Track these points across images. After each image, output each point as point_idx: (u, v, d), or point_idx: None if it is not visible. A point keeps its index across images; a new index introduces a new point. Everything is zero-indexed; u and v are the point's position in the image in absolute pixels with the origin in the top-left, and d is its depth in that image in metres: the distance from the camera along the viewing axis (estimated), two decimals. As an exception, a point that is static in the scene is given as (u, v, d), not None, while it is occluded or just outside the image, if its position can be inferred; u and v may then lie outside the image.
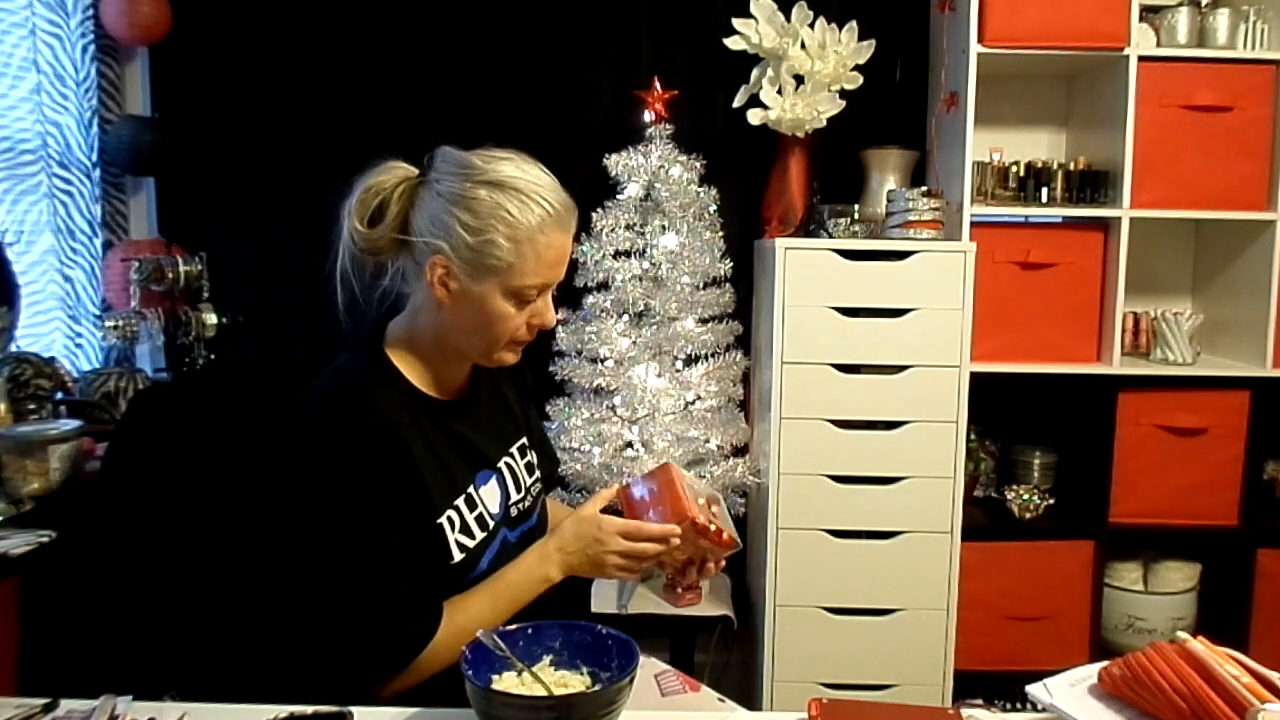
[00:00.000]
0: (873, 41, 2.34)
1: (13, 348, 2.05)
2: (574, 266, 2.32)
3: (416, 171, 1.26)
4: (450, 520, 1.23)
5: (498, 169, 1.21)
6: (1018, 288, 2.31)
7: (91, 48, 2.44)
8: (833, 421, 2.23)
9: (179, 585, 1.70)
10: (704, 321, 2.37)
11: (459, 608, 1.21)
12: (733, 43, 2.37)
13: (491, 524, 1.29)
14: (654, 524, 1.27)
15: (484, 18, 2.58)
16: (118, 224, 2.57)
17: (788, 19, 2.32)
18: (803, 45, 2.31)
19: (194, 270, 2.32)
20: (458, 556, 1.23)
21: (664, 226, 2.33)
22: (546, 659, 1.08)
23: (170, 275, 2.28)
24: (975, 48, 2.21)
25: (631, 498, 1.34)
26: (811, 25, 2.32)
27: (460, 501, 1.25)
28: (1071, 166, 2.33)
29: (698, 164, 2.35)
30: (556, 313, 1.31)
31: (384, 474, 1.17)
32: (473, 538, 1.26)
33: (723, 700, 1.40)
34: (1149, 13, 2.29)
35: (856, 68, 2.35)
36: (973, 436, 2.44)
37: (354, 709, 1.06)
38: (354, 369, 1.25)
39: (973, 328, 2.20)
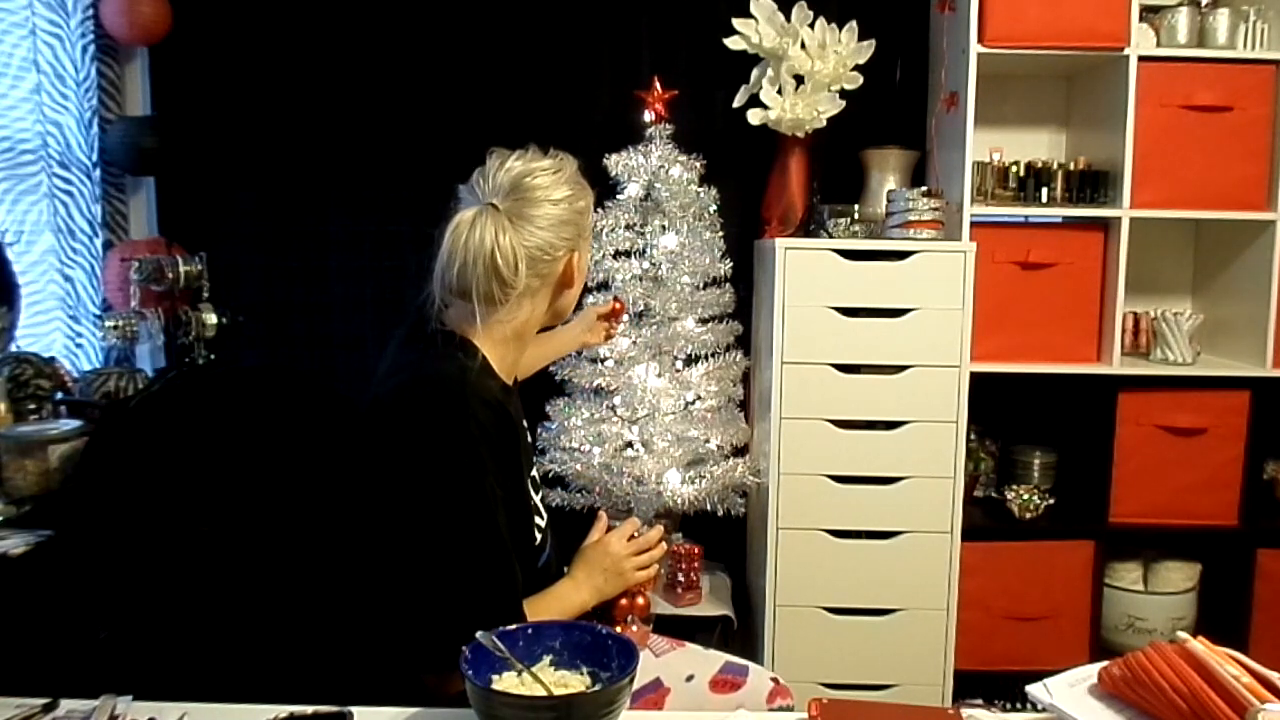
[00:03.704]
0: (873, 41, 2.34)
1: (13, 348, 2.05)
2: (574, 266, 2.32)
3: (473, 212, 1.28)
4: (531, 498, 1.35)
5: (549, 160, 1.33)
6: (1018, 288, 2.31)
7: (91, 48, 2.44)
8: (833, 421, 2.23)
9: (178, 585, 1.70)
10: (704, 321, 2.37)
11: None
12: (733, 43, 2.37)
13: (544, 510, 1.43)
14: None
15: (484, 18, 2.58)
16: (118, 224, 2.57)
17: (788, 19, 2.32)
18: (803, 45, 2.31)
19: (194, 270, 2.32)
20: (537, 538, 1.35)
21: (664, 226, 2.33)
22: (546, 659, 1.08)
23: (170, 275, 2.27)
24: (975, 48, 2.21)
25: None
26: (811, 25, 2.32)
27: (529, 482, 1.36)
28: (1071, 166, 2.33)
29: (698, 164, 2.34)
30: None
31: (502, 452, 1.25)
32: (543, 518, 1.39)
33: (706, 649, 1.60)
34: (1149, 13, 2.29)
35: (856, 68, 2.35)
36: (973, 436, 2.44)
37: (354, 709, 1.06)
38: (453, 359, 1.28)
39: (973, 328, 2.20)
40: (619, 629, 1.37)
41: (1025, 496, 2.38)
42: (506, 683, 1.02)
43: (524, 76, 2.59)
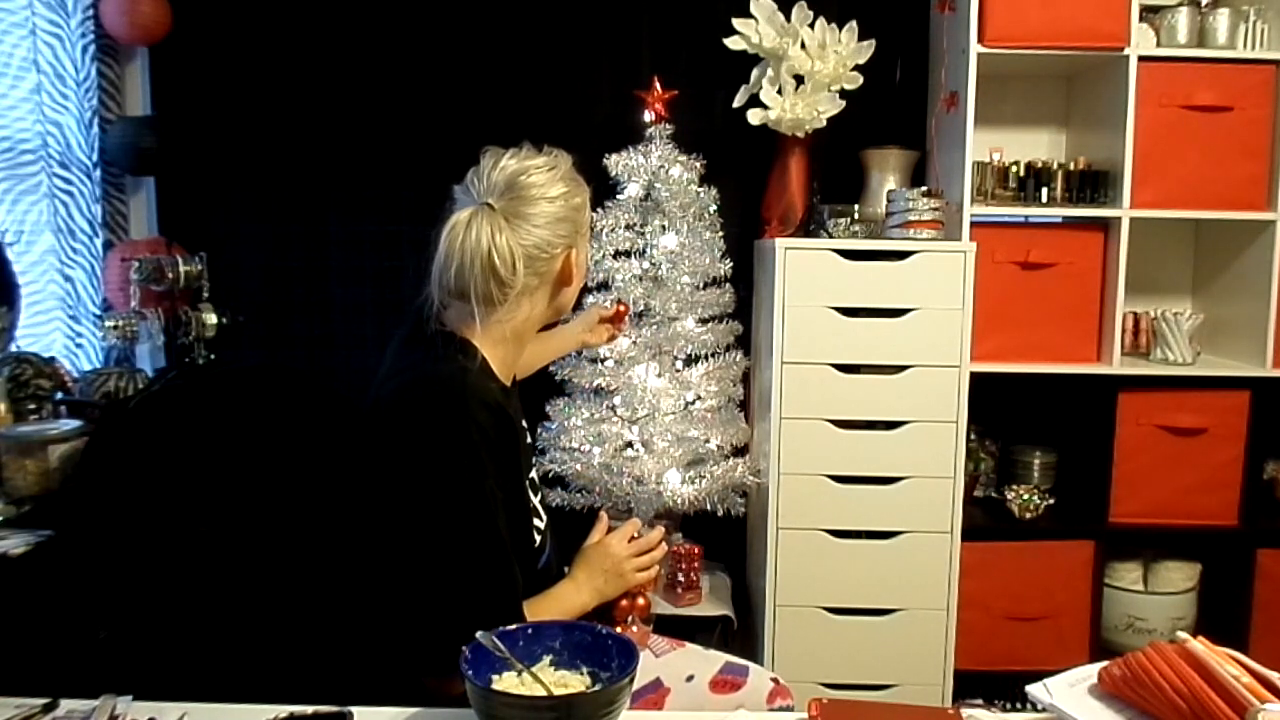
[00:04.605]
0: (873, 41, 2.34)
1: (13, 348, 2.05)
2: (574, 266, 2.32)
3: (468, 213, 1.27)
4: (530, 500, 1.35)
5: (544, 158, 1.33)
6: (1018, 288, 2.31)
7: (91, 48, 2.44)
8: (833, 421, 2.23)
9: (178, 585, 1.70)
10: (704, 321, 2.37)
11: None
12: (733, 43, 2.37)
13: (543, 511, 1.42)
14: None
15: (484, 18, 2.58)
16: (118, 224, 2.57)
17: (788, 19, 2.32)
18: (803, 45, 2.31)
19: (194, 270, 2.32)
20: (536, 539, 1.35)
21: (664, 226, 2.33)
22: (546, 659, 1.08)
23: (170, 275, 2.27)
24: (975, 48, 2.21)
25: None
26: (811, 25, 2.32)
27: (528, 483, 1.36)
28: (1071, 166, 2.33)
29: (698, 164, 2.34)
30: None
31: (502, 455, 1.24)
32: (542, 520, 1.39)
33: (706, 649, 1.60)
34: (1149, 13, 2.29)
35: (856, 68, 2.35)
36: (973, 436, 2.44)
37: (354, 709, 1.06)
38: (452, 361, 1.27)
39: (973, 328, 2.20)
40: (619, 629, 1.37)
41: (1025, 496, 2.38)
42: (506, 683, 1.02)
43: (524, 76, 2.59)
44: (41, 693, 1.11)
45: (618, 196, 2.34)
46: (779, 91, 2.34)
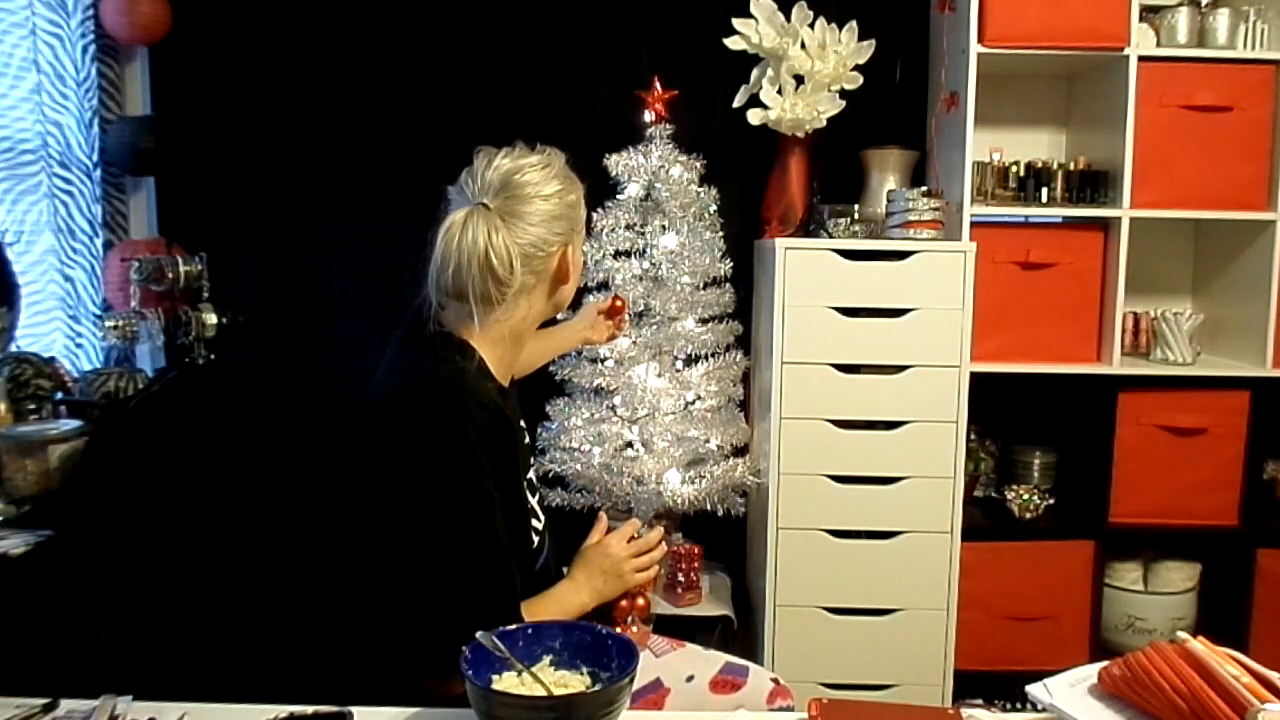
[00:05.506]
0: (873, 41, 2.34)
1: (13, 348, 2.05)
2: (574, 266, 2.32)
3: (464, 213, 1.26)
4: (528, 501, 1.35)
5: (537, 156, 1.33)
6: (1018, 288, 2.31)
7: (91, 48, 2.44)
8: (833, 421, 2.23)
9: (178, 585, 1.70)
10: (704, 321, 2.37)
11: None
12: (733, 43, 2.37)
13: (541, 513, 1.42)
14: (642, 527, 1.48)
15: (484, 18, 2.58)
16: (118, 224, 2.57)
17: (788, 19, 2.32)
18: (803, 45, 2.31)
19: (194, 270, 2.32)
20: (534, 540, 1.35)
21: (664, 226, 2.33)
22: (546, 659, 1.08)
23: (170, 275, 2.27)
24: (975, 48, 2.21)
25: None
26: (811, 25, 2.32)
27: (526, 484, 1.36)
28: (1071, 166, 2.33)
29: (698, 164, 2.34)
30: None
31: (499, 455, 1.24)
32: (540, 521, 1.38)
33: (706, 649, 1.60)
34: (1149, 13, 2.29)
35: (856, 68, 2.35)
36: (973, 436, 2.44)
37: (354, 709, 1.06)
38: (450, 362, 1.27)
39: (973, 328, 2.20)
40: (619, 629, 1.37)
41: (1025, 496, 2.38)
42: (506, 683, 1.02)
43: (524, 77, 2.59)
44: (41, 693, 1.11)
45: (618, 196, 2.34)
46: (779, 91, 2.34)
